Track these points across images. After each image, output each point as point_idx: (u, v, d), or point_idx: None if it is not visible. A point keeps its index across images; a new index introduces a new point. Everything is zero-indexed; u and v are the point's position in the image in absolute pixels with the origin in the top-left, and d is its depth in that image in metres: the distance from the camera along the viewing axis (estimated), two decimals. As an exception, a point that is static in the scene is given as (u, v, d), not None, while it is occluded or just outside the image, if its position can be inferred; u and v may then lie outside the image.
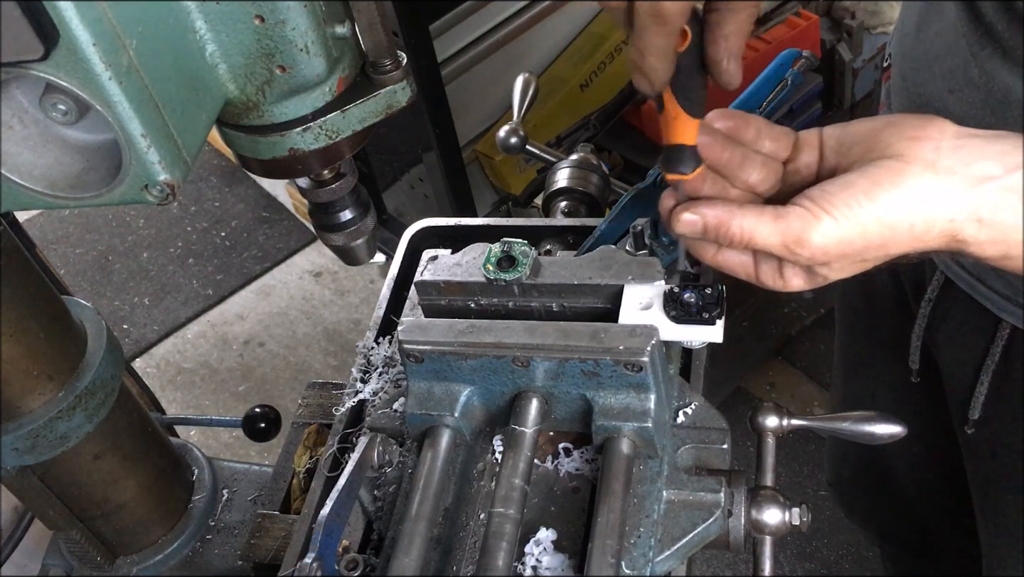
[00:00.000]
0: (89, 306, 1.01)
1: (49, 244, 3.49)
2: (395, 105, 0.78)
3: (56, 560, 1.12)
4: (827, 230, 0.73)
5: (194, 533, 1.13)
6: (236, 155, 0.80)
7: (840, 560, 2.38)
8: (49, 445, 0.93)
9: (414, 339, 0.88)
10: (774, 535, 0.87)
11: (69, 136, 0.68)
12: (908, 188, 0.72)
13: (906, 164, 0.73)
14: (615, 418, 0.85)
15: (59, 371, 0.93)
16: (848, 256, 0.75)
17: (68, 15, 0.57)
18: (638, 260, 0.93)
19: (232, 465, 1.21)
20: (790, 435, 0.94)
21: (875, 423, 0.89)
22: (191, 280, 3.35)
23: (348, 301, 3.21)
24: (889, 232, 0.73)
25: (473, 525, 0.89)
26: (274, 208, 3.52)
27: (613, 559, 0.79)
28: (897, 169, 0.73)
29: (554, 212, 1.21)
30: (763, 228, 0.75)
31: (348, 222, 0.87)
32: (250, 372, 3.05)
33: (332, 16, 0.73)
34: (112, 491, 1.04)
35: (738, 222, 0.76)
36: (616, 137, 2.56)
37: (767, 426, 0.92)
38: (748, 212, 0.76)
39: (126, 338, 3.16)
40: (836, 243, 0.74)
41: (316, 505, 0.94)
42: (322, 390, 1.17)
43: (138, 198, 0.67)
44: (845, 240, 0.73)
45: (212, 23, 0.69)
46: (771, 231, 0.75)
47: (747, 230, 0.76)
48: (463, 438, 0.92)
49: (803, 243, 0.74)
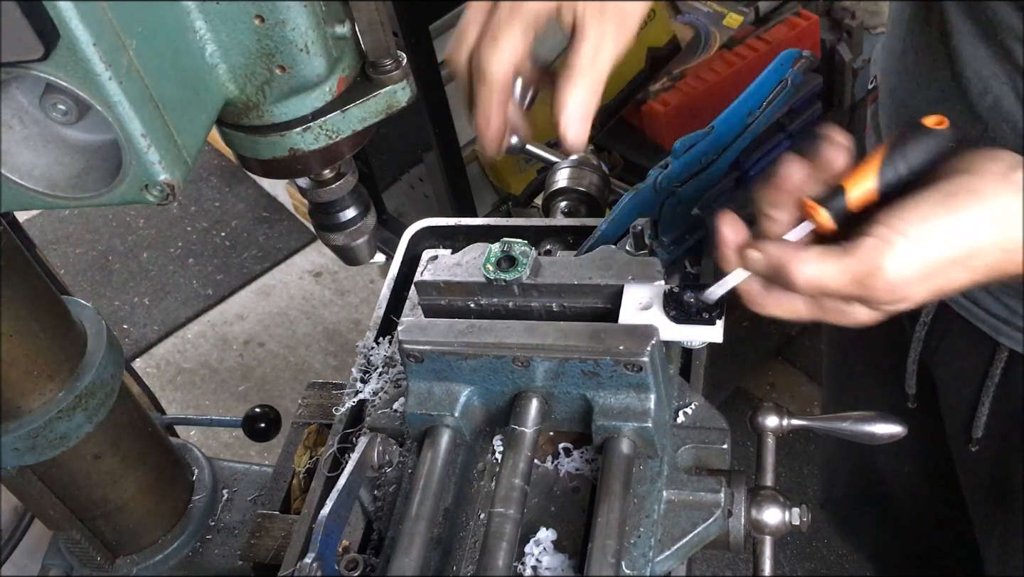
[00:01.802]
0: (89, 306, 1.01)
1: (49, 244, 3.49)
2: (395, 105, 0.78)
3: (56, 560, 1.12)
4: (903, 254, 0.68)
5: (194, 533, 1.13)
6: (236, 155, 0.80)
7: (840, 560, 2.38)
8: (49, 445, 0.93)
9: (414, 339, 0.88)
10: (774, 535, 0.86)
11: (69, 136, 0.68)
12: (988, 197, 0.69)
13: (981, 177, 0.69)
14: (615, 418, 0.85)
15: (59, 371, 0.93)
16: (930, 277, 0.70)
17: (68, 15, 0.57)
18: (638, 260, 0.93)
19: (232, 465, 1.21)
20: (790, 435, 0.94)
21: (875, 423, 0.89)
22: (191, 280, 3.35)
23: (348, 301, 3.21)
24: (973, 244, 0.69)
25: (473, 525, 0.89)
26: (274, 208, 3.52)
27: (613, 559, 0.79)
28: (972, 182, 0.69)
29: (554, 212, 1.21)
30: (830, 268, 0.70)
31: (348, 222, 0.87)
32: (250, 372, 3.05)
33: (332, 16, 0.73)
34: (112, 491, 1.04)
35: (801, 267, 0.71)
36: (616, 137, 2.56)
37: (767, 426, 0.92)
38: (811, 252, 0.72)
39: (126, 338, 3.16)
40: (917, 265, 0.68)
41: (316, 505, 0.94)
42: (322, 390, 1.17)
43: (138, 198, 0.67)
44: (926, 260, 0.68)
45: (212, 23, 0.69)
46: (839, 270, 0.70)
47: (812, 275, 0.71)
48: (463, 438, 0.92)
49: (877, 274, 0.68)
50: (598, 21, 0.79)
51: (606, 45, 0.79)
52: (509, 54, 0.78)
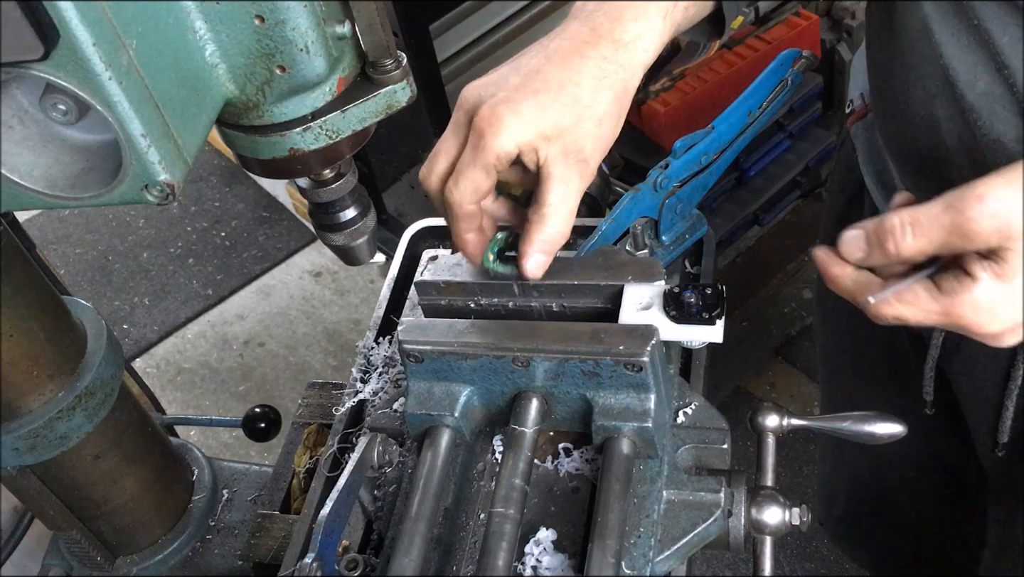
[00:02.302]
0: (89, 306, 1.00)
1: (49, 244, 3.49)
2: (395, 105, 0.78)
3: (56, 560, 1.12)
4: (992, 189, 0.70)
5: (194, 533, 1.13)
6: (236, 155, 0.80)
7: (840, 560, 2.38)
8: (49, 445, 0.93)
9: (414, 339, 0.88)
10: (774, 535, 0.86)
11: (69, 136, 0.68)
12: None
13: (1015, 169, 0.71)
14: (615, 418, 0.85)
15: (59, 371, 0.93)
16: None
17: (68, 15, 0.57)
18: (638, 260, 0.93)
19: (232, 465, 1.21)
20: (790, 435, 0.94)
21: (875, 422, 0.89)
22: (191, 280, 3.34)
23: (348, 301, 3.21)
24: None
25: (473, 525, 0.89)
26: (274, 208, 3.52)
27: (613, 559, 0.79)
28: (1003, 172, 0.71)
29: (554, 212, 1.21)
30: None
31: (348, 222, 0.87)
32: (250, 372, 3.05)
33: (332, 16, 0.73)
34: (112, 491, 1.04)
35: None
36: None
37: (767, 426, 0.92)
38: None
39: (126, 338, 3.16)
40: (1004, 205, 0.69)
41: (316, 505, 0.94)
42: (322, 390, 1.17)
43: (138, 198, 0.67)
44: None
45: (212, 23, 0.69)
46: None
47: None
48: (463, 438, 0.92)
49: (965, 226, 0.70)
50: (563, 164, 0.82)
51: (571, 186, 0.84)
52: (471, 192, 0.84)
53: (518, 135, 0.80)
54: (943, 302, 0.75)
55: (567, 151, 0.82)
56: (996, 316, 0.74)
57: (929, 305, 0.76)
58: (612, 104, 0.83)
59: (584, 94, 0.82)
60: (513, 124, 0.80)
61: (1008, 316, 0.74)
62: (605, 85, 0.83)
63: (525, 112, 0.80)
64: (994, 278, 0.73)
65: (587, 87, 0.82)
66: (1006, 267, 0.72)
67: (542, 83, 0.82)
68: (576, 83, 0.82)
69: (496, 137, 0.80)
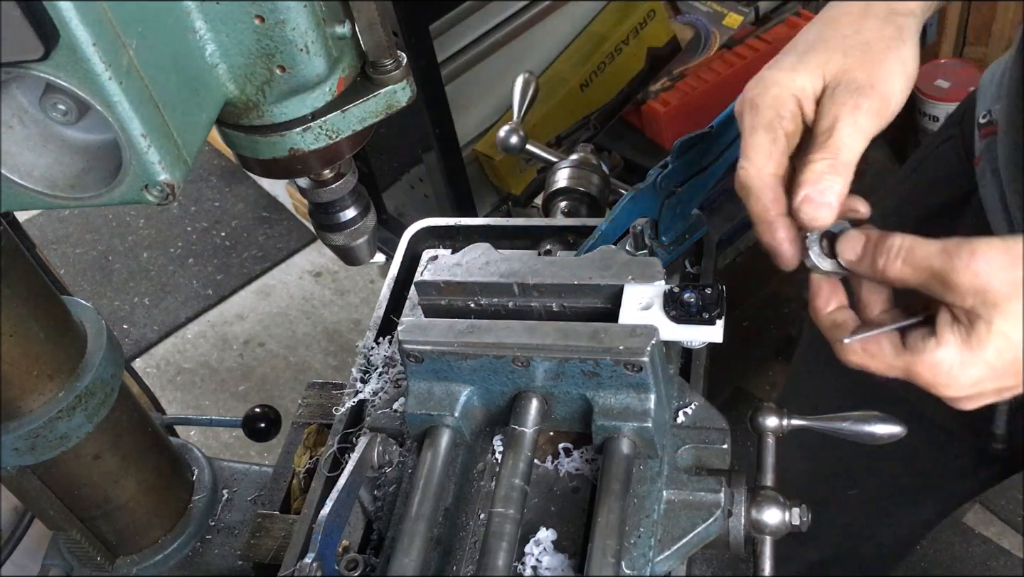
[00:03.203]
0: (89, 306, 1.00)
1: (49, 244, 3.49)
2: (395, 105, 0.78)
3: (56, 560, 1.12)
4: (984, 252, 0.69)
5: (194, 533, 1.13)
6: (236, 155, 0.80)
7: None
8: (49, 445, 0.93)
9: (414, 339, 0.88)
10: (774, 535, 0.86)
11: (69, 136, 0.68)
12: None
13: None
14: (615, 418, 0.85)
15: (59, 371, 0.93)
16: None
17: (68, 15, 0.57)
18: (638, 260, 0.93)
19: (232, 465, 1.21)
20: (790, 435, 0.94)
21: (875, 423, 0.89)
22: (191, 280, 3.35)
23: (348, 301, 3.21)
24: None
25: (473, 525, 0.89)
26: (274, 208, 3.52)
27: (613, 559, 0.79)
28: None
29: (554, 212, 1.21)
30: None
31: (348, 222, 0.87)
32: (250, 372, 3.05)
33: (332, 16, 0.73)
34: (112, 491, 1.04)
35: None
36: (616, 137, 2.56)
37: (767, 426, 0.92)
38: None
39: (126, 338, 3.16)
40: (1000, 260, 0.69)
41: (316, 505, 0.94)
42: (322, 390, 1.17)
43: (138, 198, 0.67)
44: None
45: (212, 23, 0.69)
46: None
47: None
48: (463, 438, 0.92)
49: (950, 283, 0.70)
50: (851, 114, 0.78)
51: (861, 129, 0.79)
52: (761, 163, 0.79)
53: None
54: (905, 358, 0.76)
55: (858, 104, 0.79)
56: (954, 381, 0.74)
57: (892, 360, 0.77)
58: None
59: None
60: None
61: (966, 385, 0.74)
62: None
63: None
64: (960, 345, 0.72)
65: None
66: (974, 336, 0.72)
67: None
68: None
69: None
